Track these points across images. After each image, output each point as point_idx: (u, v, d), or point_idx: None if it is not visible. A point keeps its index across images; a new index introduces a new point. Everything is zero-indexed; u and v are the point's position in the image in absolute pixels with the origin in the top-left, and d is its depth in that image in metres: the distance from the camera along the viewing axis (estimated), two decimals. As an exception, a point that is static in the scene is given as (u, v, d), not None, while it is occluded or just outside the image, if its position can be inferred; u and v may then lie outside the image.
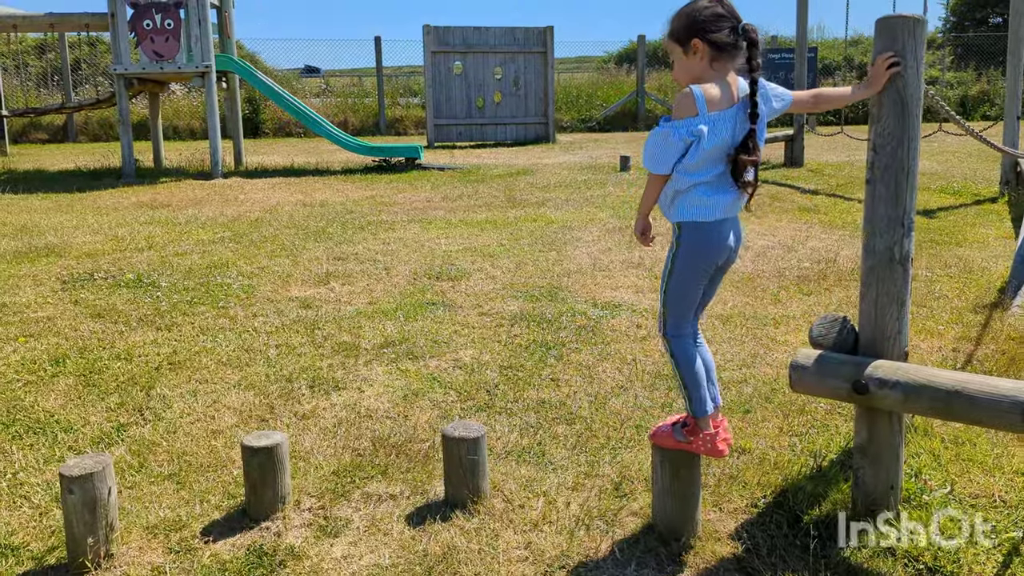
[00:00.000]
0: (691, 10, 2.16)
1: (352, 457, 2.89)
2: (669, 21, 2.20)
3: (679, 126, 2.10)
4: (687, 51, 2.15)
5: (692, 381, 2.28)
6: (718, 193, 2.16)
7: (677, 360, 2.29)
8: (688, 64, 2.17)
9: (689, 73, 2.17)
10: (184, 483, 2.73)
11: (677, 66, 2.21)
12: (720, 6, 2.14)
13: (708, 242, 2.19)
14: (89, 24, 11.06)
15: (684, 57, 2.16)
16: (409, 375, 3.66)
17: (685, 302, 2.26)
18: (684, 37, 2.15)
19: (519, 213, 7.86)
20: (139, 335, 4.26)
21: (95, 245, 6.55)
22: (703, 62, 2.14)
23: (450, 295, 4.95)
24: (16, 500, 2.64)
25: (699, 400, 2.28)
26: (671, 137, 2.11)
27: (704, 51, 2.13)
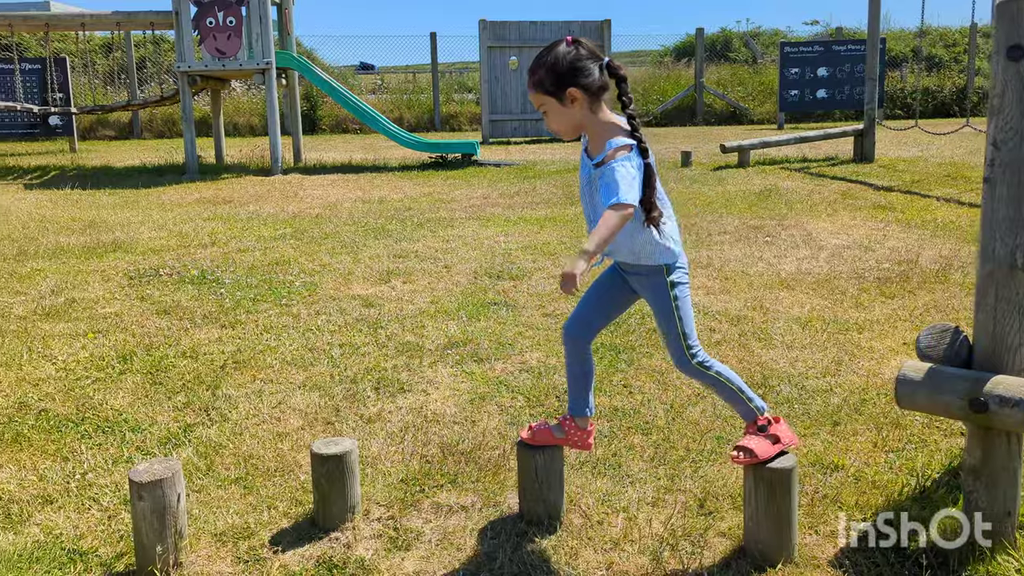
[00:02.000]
0: (554, 60, 2.10)
1: (420, 464, 2.79)
2: (530, 73, 2.14)
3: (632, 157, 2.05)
4: (563, 101, 2.10)
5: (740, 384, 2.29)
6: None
7: (721, 374, 2.27)
8: (568, 113, 2.12)
9: (571, 122, 2.14)
10: (251, 488, 2.67)
11: (555, 117, 2.15)
12: (581, 48, 2.10)
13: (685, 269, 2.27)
14: (154, 22, 11.24)
15: (561, 107, 2.11)
16: (475, 378, 3.55)
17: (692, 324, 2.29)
18: (555, 88, 2.09)
19: (578, 210, 7.71)
20: (204, 332, 4.24)
21: (160, 241, 6.61)
22: (584, 108, 2.10)
23: (512, 295, 4.84)
24: (85, 502, 2.61)
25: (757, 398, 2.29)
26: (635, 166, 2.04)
27: (581, 98, 2.09)
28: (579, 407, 2.42)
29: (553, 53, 2.12)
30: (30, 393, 3.48)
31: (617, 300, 2.40)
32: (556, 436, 2.40)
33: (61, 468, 2.83)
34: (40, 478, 2.76)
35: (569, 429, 2.41)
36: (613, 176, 2.02)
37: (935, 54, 23.65)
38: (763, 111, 21.21)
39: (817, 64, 18.79)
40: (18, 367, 3.78)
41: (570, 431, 2.41)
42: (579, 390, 2.42)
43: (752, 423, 2.25)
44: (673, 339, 2.24)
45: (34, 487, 2.70)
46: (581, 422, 2.42)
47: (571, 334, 2.39)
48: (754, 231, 6.53)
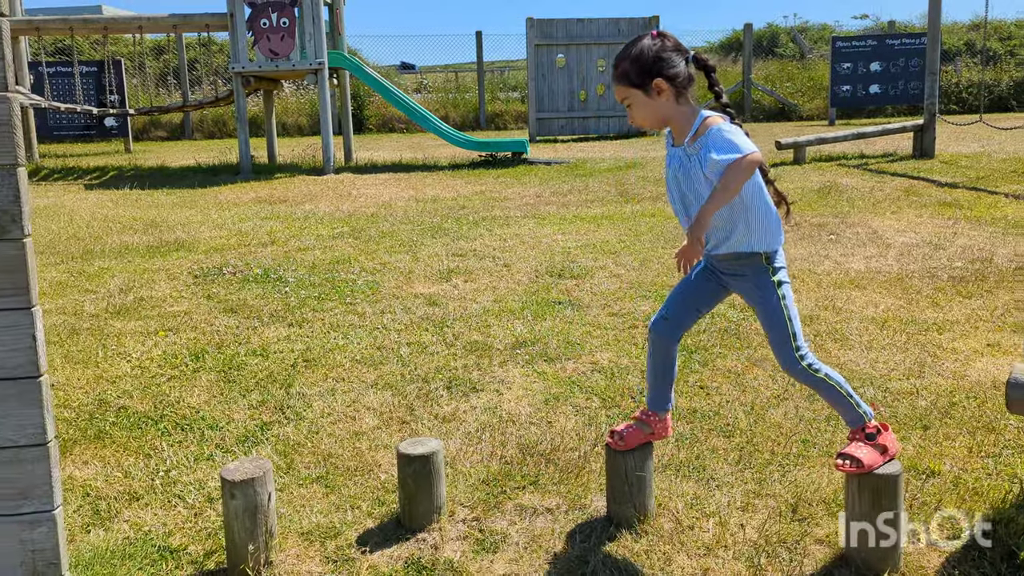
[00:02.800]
0: (639, 52, 2.10)
1: (500, 465, 2.76)
2: (615, 66, 2.14)
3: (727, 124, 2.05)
4: (649, 93, 2.09)
5: (848, 388, 2.20)
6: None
7: (830, 376, 2.18)
8: (654, 105, 2.11)
9: (656, 115, 2.12)
10: (332, 487, 2.67)
11: (640, 110, 2.13)
12: (666, 40, 2.10)
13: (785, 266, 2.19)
14: (209, 24, 11.40)
15: (647, 99, 2.10)
16: (547, 378, 3.52)
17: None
18: (642, 80, 2.09)
19: (635, 208, 7.64)
20: (272, 331, 4.27)
21: (221, 240, 6.70)
22: (670, 100, 2.09)
23: (575, 294, 4.79)
24: (170, 499, 2.63)
25: (864, 404, 2.21)
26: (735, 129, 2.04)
27: (668, 89, 2.08)
28: (660, 403, 2.38)
29: (638, 46, 2.11)
30: (108, 390, 3.53)
31: (706, 297, 2.34)
32: (646, 433, 2.36)
33: (145, 465, 2.86)
34: (125, 475, 2.79)
35: (654, 422, 2.38)
36: (722, 136, 1.99)
37: (990, 47, 23.00)
38: (812, 107, 20.83)
39: (870, 59, 18.39)
40: (95, 364, 3.84)
41: (655, 424, 2.38)
42: (662, 386, 2.38)
43: (859, 429, 2.16)
44: (780, 340, 2.15)
45: (120, 484, 2.73)
46: (661, 415, 2.39)
47: (660, 331, 2.34)
48: (817, 229, 6.39)
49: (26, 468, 1.89)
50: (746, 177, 1.97)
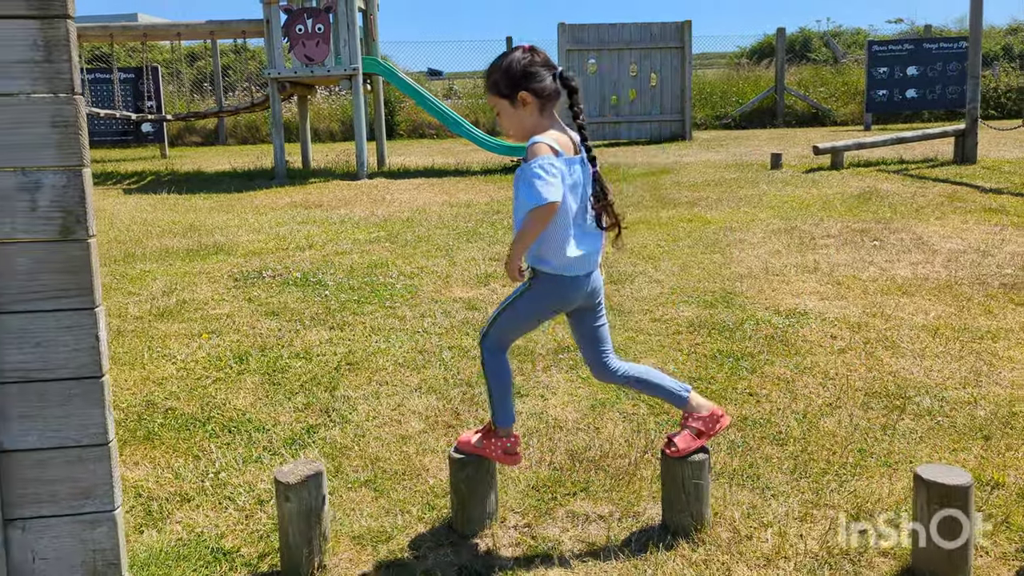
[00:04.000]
0: (509, 64, 2.19)
1: (550, 471, 2.73)
2: (487, 75, 2.24)
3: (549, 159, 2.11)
4: (515, 104, 2.19)
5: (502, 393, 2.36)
6: (584, 241, 2.22)
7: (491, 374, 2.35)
8: (519, 116, 2.21)
9: (521, 125, 2.22)
10: (381, 491, 2.66)
11: (506, 119, 2.24)
12: (536, 55, 2.20)
13: (563, 295, 2.26)
14: (245, 31, 11.52)
15: (513, 110, 2.20)
16: (592, 384, 3.48)
17: (515, 333, 2.39)
18: (509, 90, 2.18)
19: (671, 213, 7.58)
20: (314, 334, 4.28)
21: (259, 244, 6.74)
22: (533, 113, 2.19)
23: (616, 299, 4.75)
24: (221, 501, 2.63)
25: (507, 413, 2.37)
26: (554, 167, 2.09)
27: (533, 102, 2.18)
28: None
29: (509, 58, 2.20)
30: (155, 392, 3.55)
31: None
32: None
33: (194, 467, 2.86)
34: (175, 476, 2.80)
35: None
36: (527, 175, 2.08)
37: (1029, 51, 22.58)
38: (846, 112, 20.60)
39: (907, 63, 18.14)
40: (141, 366, 3.87)
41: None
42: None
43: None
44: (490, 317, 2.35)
45: (171, 485, 2.74)
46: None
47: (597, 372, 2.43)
48: (859, 235, 6.29)
49: (88, 467, 1.90)
50: (540, 227, 2.09)
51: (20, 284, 1.84)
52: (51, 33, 1.80)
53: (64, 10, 1.80)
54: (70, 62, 1.82)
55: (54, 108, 1.82)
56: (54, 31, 1.80)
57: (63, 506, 1.91)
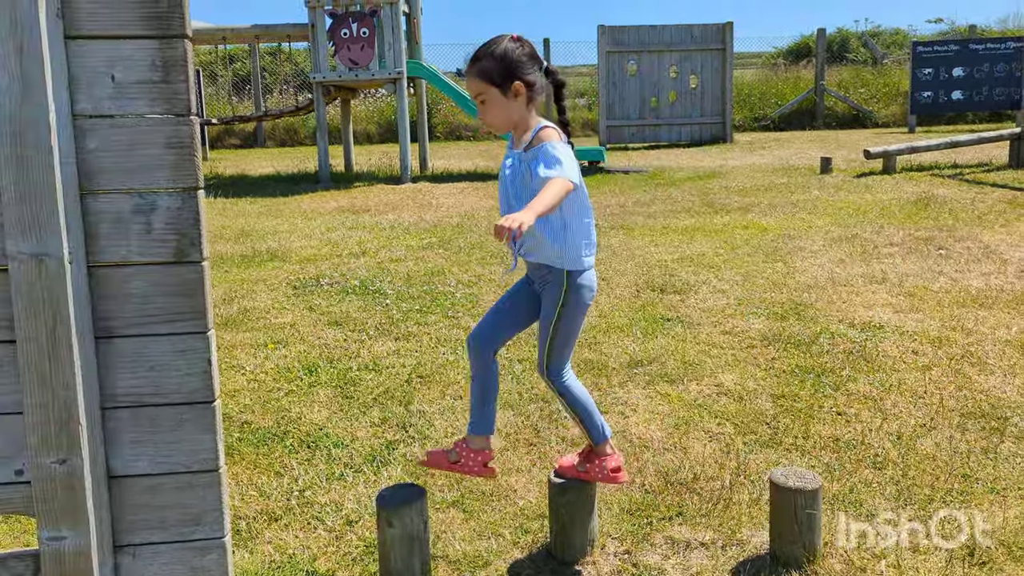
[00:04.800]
0: (504, 51, 2.12)
1: (641, 494, 2.67)
2: (473, 60, 2.15)
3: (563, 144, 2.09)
4: (506, 93, 2.12)
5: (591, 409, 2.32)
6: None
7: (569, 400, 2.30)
8: (509, 107, 2.13)
9: (509, 116, 2.15)
10: (470, 512, 2.61)
11: (493, 109, 2.15)
12: (525, 46, 2.14)
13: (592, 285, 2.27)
14: (291, 35, 11.57)
15: (503, 99, 2.13)
16: (672, 400, 3.41)
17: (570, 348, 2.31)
18: (502, 79, 2.11)
19: (725, 220, 7.46)
20: (380, 345, 4.25)
21: (312, 250, 6.74)
22: (522, 104, 2.13)
23: (682, 310, 4.67)
24: (309, 521, 2.60)
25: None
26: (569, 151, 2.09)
27: (524, 93, 2.12)
28: (482, 426, 2.34)
29: (503, 46, 2.13)
30: (229, 404, 3.54)
31: (523, 305, 2.36)
32: (449, 461, 2.33)
33: (278, 484, 2.84)
34: (260, 493, 2.77)
35: (462, 451, 2.33)
36: (552, 153, 2.03)
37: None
38: (888, 114, 20.29)
39: (952, 64, 17.79)
40: (212, 376, 3.85)
41: (464, 454, 2.33)
42: (482, 408, 2.35)
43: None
44: (539, 348, 2.27)
45: (256, 503, 2.72)
46: (478, 442, 2.33)
47: (474, 345, 2.34)
48: (923, 243, 6.14)
49: (198, 494, 1.87)
50: (563, 192, 2.01)
51: (135, 308, 1.81)
52: (169, 53, 1.77)
53: (182, 30, 1.77)
54: (187, 82, 1.79)
55: (170, 129, 1.79)
56: (172, 51, 1.77)
57: (172, 532, 1.88)
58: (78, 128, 1.75)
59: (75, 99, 1.74)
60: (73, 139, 1.75)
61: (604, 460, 2.30)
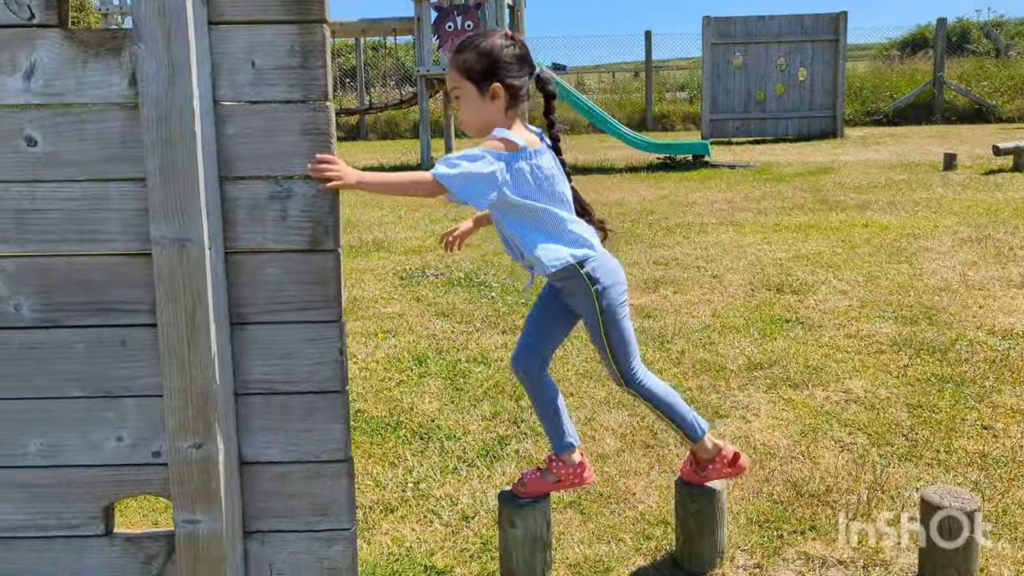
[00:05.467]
0: (490, 47, 1.93)
1: (769, 504, 2.53)
2: (456, 52, 1.97)
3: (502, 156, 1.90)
4: (483, 93, 1.94)
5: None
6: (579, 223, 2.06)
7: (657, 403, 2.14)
8: (482, 107, 1.96)
9: (482, 118, 1.97)
10: (588, 514, 2.53)
11: (468, 108, 1.98)
12: (519, 47, 1.95)
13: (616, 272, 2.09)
14: (396, 28, 11.72)
15: (479, 99, 1.95)
16: (796, 406, 3.24)
17: (632, 345, 2.11)
18: (481, 77, 1.93)
19: (841, 217, 7.12)
20: (487, 338, 4.21)
21: (417, 241, 6.79)
22: (500, 108, 1.95)
23: (802, 311, 4.45)
24: (425, 514, 2.57)
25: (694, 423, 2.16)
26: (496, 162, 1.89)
27: (503, 97, 1.94)
28: (559, 444, 2.19)
29: (489, 41, 1.95)
30: (342, 392, 3.56)
31: (556, 319, 2.18)
32: (550, 481, 2.17)
33: (393, 474, 2.82)
34: (376, 483, 2.77)
35: (560, 471, 2.17)
36: (462, 156, 1.86)
37: None
38: (1013, 108, 19.05)
39: (1090, 53, 16.54)
40: (324, 364, 3.90)
41: (562, 473, 2.17)
42: (553, 425, 2.19)
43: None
44: (604, 360, 2.10)
45: (373, 493, 2.71)
46: (568, 458, 2.18)
47: (520, 365, 2.17)
48: (1065, 246, 5.69)
49: (326, 483, 1.85)
50: (417, 194, 1.89)
51: (268, 295, 1.81)
52: (308, 38, 1.75)
53: (321, 14, 1.75)
54: (324, 68, 1.77)
55: (307, 115, 1.77)
56: (311, 36, 1.75)
57: (300, 522, 1.87)
58: (218, 114, 1.75)
59: (216, 85, 1.74)
60: (214, 125, 1.75)
61: (718, 458, 2.16)
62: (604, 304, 2.04)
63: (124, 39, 1.72)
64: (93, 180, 1.75)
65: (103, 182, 1.76)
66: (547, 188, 1.99)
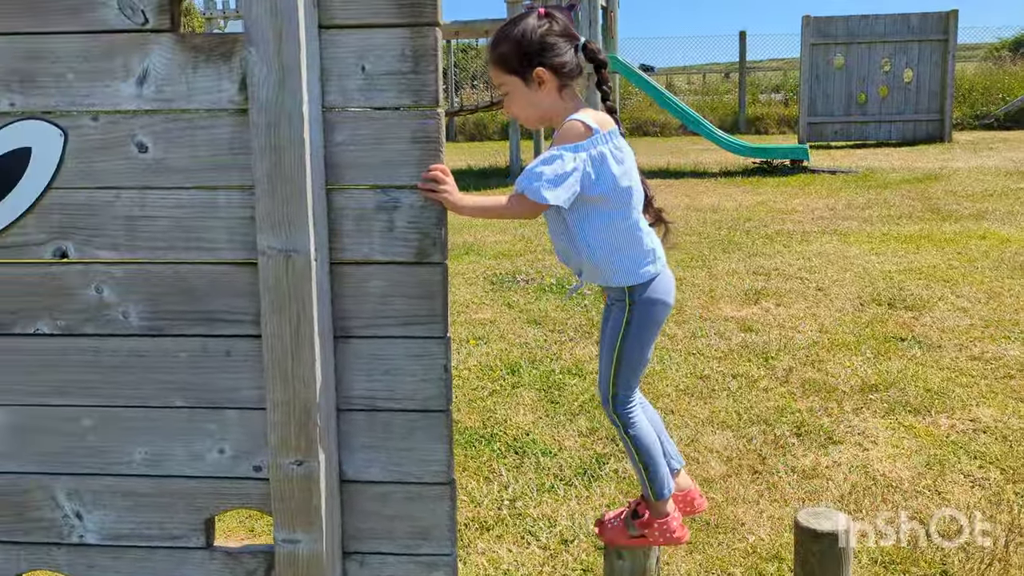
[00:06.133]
0: (522, 32, 1.79)
1: (892, 546, 2.33)
2: (491, 47, 1.85)
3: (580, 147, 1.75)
4: (528, 82, 1.80)
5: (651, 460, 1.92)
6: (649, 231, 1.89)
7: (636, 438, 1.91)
8: (532, 97, 1.82)
9: (536, 108, 1.84)
10: (694, 543, 2.38)
11: (517, 101, 1.84)
12: (554, 23, 1.81)
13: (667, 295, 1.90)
14: (488, 30, 11.70)
15: (526, 90, 1.81)
16: (918, 434, 3.01)
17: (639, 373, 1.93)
18: (522, 66, 1.79)
19: (956, 228, 6.71)
20: (581, 348, 4.10)
21: (506, 245, 6.72)
22: (551, 94, 1.80)
23: (918, 329, 4.17)
24: (523, 535, 2.47)
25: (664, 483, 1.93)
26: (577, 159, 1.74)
27: (551, 80, 1.79)
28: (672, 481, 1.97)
29: (521, 26, 1.81)
30: (435, 400, 3.50)
31: None
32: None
33: (488, 490, 2.74)
34: (471, 499, 2.69)
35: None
36: (546, 157, 1.74)
37: None
38: None
39: None
40: (416, 371, 3.86)
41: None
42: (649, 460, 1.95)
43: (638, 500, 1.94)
44: (602, 373, 1.92)
45: (468, 508, 2.63)
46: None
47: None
48: None
49: (428, 506, 1.78)
50: (513, 216, 1.85)
51: (372, 308, 1.74)
52: (420, 42, 1.67)
53: (434, 17, 1.67)
54: (436, 73, 1.69)
55: (416, 123, 1.70)
56: (423, 40, 1.67)
57: (400, 544, 1.80)
58: (327, 120, 1.69)
59: (326, 90, 1.68)
60: (322, 132, 1.69)
61: (665, 521, 1.91)
62: (637, 316, 1.87)
63: (235, 43, 1.68)
64: (201, 187, 1.72)
65: (211, 190, 1.72)
66: (624, 178, 1.81)
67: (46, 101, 1.73)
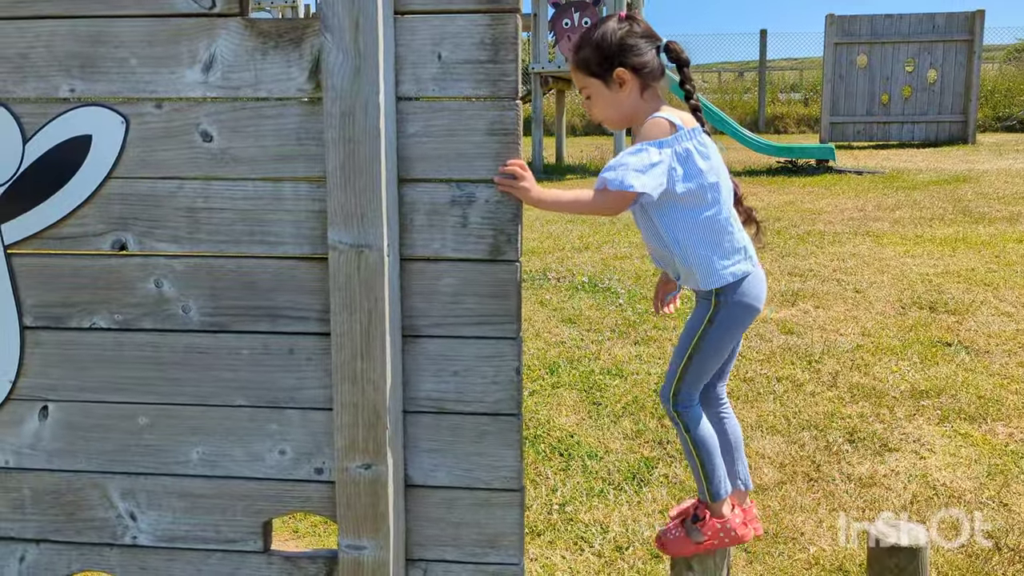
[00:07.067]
0: (603, 35, 1.81)
1: (963, 557, 2.25)
2: (574, 51, 1.86)
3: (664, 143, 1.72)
4: (609, 83, 1.79)
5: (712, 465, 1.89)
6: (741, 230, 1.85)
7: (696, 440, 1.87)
8: (615, 99, 1.81)
9: (618, 110, 1.83)
10: (752, 553, 2.31)
11: (600, 104, 1.84)
12: (635, 25, 1.81)
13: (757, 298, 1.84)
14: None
15: (607, 91, 1.81)
16: (976, 443, 2.92)
17: (707, 376, 1.89)
18: (602, 68, 1.79)
19: (990, 231, 6.59)
20: (620, 348, 4.02)
21: (535, 242, 6.65)
22: (632, 95, 1.79)
23: (963, 334, 4.08)
24: (575, 540, 2.41)
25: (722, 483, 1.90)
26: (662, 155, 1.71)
27: (632, 81, 1.78)
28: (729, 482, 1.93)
29: (601, 29, 1.82)
30: (474, 399, 3.44)
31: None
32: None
33: (536, 494, 2.67)
34: (518, 502, 2.62)
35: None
36: (629, 152, 1.72)
37: None
38: None
39: None
40: (453, 369, 3.79)
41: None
42: (727, 463, 1.93)
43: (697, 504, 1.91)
44: (671, 369, 1.88)
45: (516, 513, 2.56)
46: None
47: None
48: None
49: (496, 514, 1.71)
50: (597, 211, 1.81)
51: (443, 307, 1.67)
52: (500, 29, 1.61)
53: (515, 3, 1.60)
54: (515, 62, 1.62)
55: (494, 114, 1.63)
56: (503, 27, 1.61)
57: (466, 552, 1.73)
58: (400, 111, 1.63)
59: (399, 80, 1.62)
60: (395, 122, 1.63)
61: (727, 520, 1.88)
62: (722, 317, 1.80)
63: (306, 29, 1.62)
64: (266, 179, 1.66)
65: (276, 181, 1.66)
66: (711, 174, 1.76)
67: (108, 87, 1.67)
